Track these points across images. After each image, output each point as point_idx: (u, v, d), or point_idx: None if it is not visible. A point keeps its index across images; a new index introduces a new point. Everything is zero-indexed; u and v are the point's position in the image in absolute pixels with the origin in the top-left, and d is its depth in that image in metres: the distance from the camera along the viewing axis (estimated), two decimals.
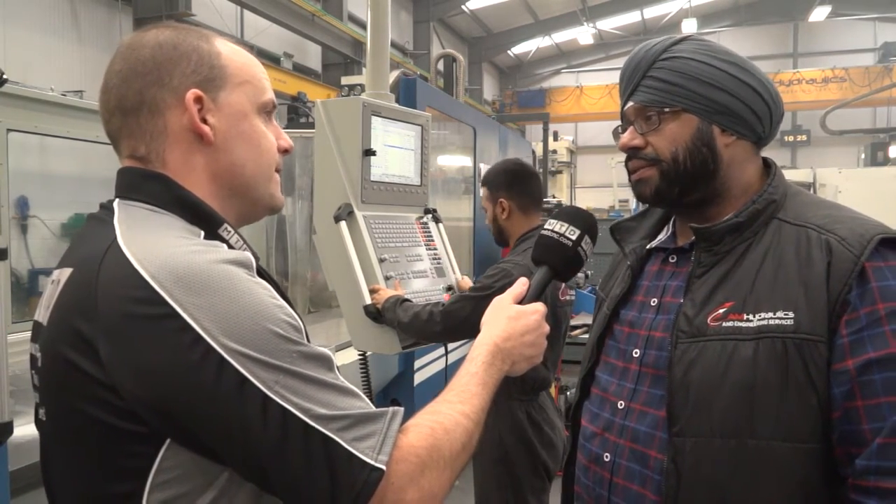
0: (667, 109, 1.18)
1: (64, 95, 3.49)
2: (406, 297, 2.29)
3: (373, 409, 0.86)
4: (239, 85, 0.98)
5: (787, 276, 1.07)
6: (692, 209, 1.23)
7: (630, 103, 1.24)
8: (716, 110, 1.16)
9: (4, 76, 1.91)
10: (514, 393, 2.54)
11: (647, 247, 1.31)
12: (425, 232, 2.62)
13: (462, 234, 4.78)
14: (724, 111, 1.16)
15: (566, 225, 1.16)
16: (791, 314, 1.04)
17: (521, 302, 1.15)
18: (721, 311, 1.10)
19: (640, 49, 1.24)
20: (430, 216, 2.65)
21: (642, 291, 1.27)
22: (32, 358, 0.95)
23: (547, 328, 1.15)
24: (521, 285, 1.18)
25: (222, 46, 0.99)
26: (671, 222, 1.32)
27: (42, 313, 0.93)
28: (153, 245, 0.84)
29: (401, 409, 0.89)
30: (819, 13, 19.13)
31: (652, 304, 1.23)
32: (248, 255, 0.88)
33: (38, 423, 0.96)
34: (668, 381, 1.13)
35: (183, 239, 0.87)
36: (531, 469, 2.52)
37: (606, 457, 1.21)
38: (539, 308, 1.15)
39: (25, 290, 3.80)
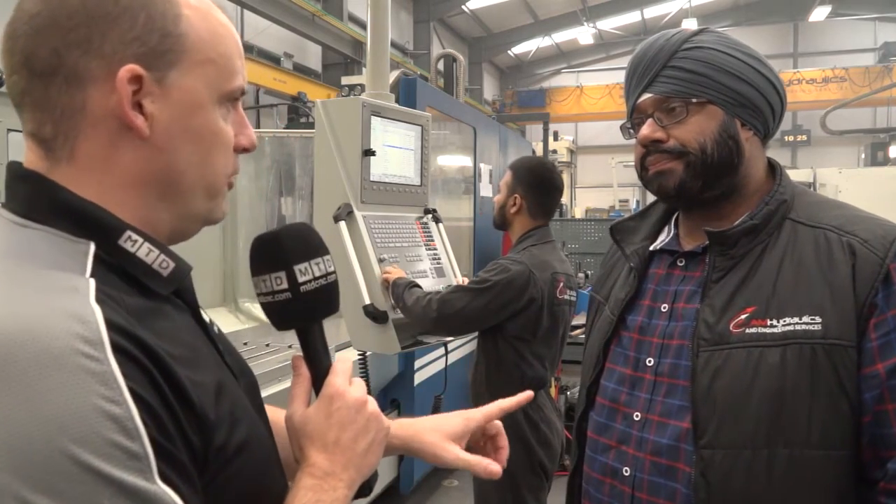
0: (694, 100, 1.13)
1: None
2: (417, 282, 2.32)
3: None
4: (199, 64, 0.72)
5: (810, 279, 1.05)
6: (708, 206, 1.19)
7: (647, 95, 1.17)
8: (740, 103, 1.13)
9: (3, 76, 1.91)
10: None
11: (651, 248, 1.27)
12: (425, 232, 2.62)
13: (462, 235, 4.78)
14: (746, 104, 1.14)
15: (266, 277, 0.79)
16: (818, 318, 1.02)
17: (317, 388, 0.81)
18: (743, 316, 1.07)
19: (657, 39, 1.19)
20: (430, 216, 2.65)
21: (649, 296, 1.23)
22: None
23: (357, 400, 0.79)
24: (302, 380, 0.81)
25: (185, 3, 0.72)
26: (672, 222, 1.28)
27: None
28: None
29: None
30: (819, 13, 19.13)
31: (662, 309, 1.19)
32: (99, 318, 0.59)
33: None
34: (692, 392, 1.08)
35: (24, 284, 0.61)
36: (529, 468, 2.52)
37: (626, 471, 1.16)
38: (338, 391, 0.78)
39: None
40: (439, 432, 0.98)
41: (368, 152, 2.34)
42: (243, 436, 0.70)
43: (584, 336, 1.43)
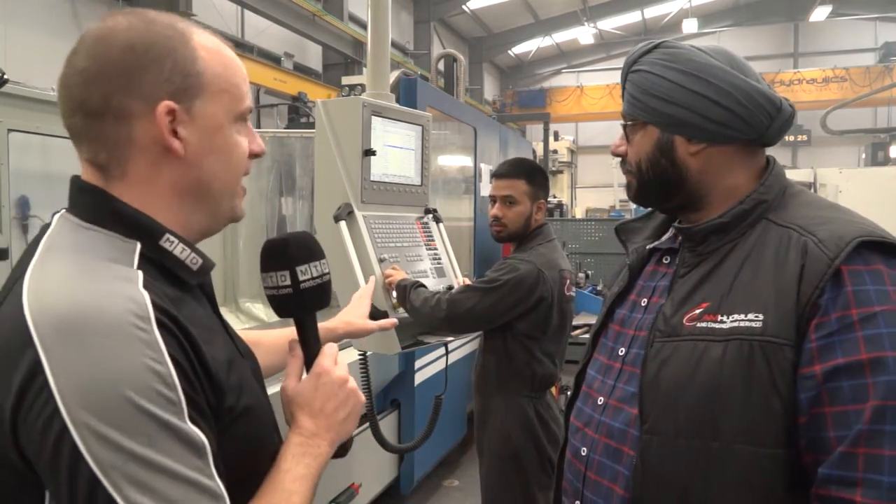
0: (629, 122, 1.22)
1: None
2: (421, 282, 2.33)
3: None
4: (216, 94, 0.91)
5: (764, 278, 1.06)
6: (678, 212, 1.25)
7: None
8: (673, 122, 1.17)
9: (5, 76, 1.92)
10: (524, 390, 2.56)
11: (648, 247, 1.31)
12: (426, 232, 2.62)
13: (462, 235, 4.78)
14: (681, 123, 1.16)
15: (273, 274, 0.99)
16: (760, 316, 1.03)
17: (308, 366, 1.01)
18: (697, 311, 1.10)
19: (627, 56, 1.26)
20: (430, 216, 2.65)
21: (636, 290, 1.28)
22: None
23: (341, 378, 1.00)
24: (296, 359, 1.03)
25: (200, 47, 0.90)
26: (676, 223, 1.32)
27: None
28: (53, 279, 0.78)
29: None
30: (819, 13, 19.13)
31: (642, 303, 1.24)
32: (147, 301, 0.78)
33: None
34: (640, 379, 1.13)
35: (89, 271, 0.80)
36: (539, 465, 2.54)
37: (583, 451, 1.23)
38: (326, 369, 0.99)
39: None
40: (356, 315, 1.41)
41: (369, 152, 2.34)
42: (247, 402, 0.89)
43: (584, 336, 1.46)
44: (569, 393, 1.40)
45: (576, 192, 21.08)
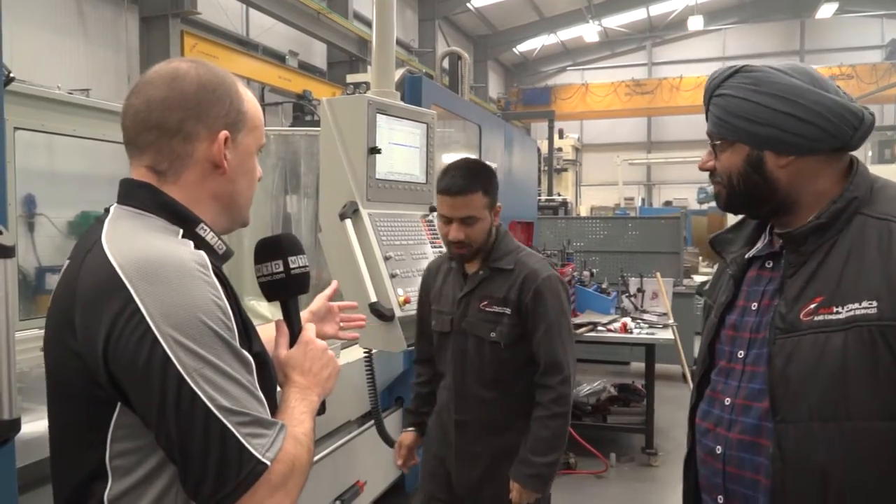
0: (717, 142, 1.33)
1: (70, 94, 3.50)
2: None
3: (269, 417, 1.00)
4: (252, 129, 1.18)
5: (870, 268, 1.17)
6: (770, 218, 1.36)
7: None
8: (761, 141, 1.27)
9: (11, 74, 1.92)
10: (523, 391, 2.53)
11: (747, 256, 1.41)
12: (431, 230, 2.62)
13: None
14: (770, 141, 1.26)
15: (268, 263, 1.23)
16: (874, 303, 1.14)
17: (293, 339, 1.24)
18: (812, 306, 1.20)
19: (708, 80, 1.36)
20: (435, 214, 2.65)
21: (743, 297, 1.38)
22: None
23: (322, 346, 1.24)
24: (282, 335, 1.25)
25: (244, 92, 1.18)
26: (767, 230, 1.41)
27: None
28: (127, 240, 1.02)
29: (287, 426, 1.04)
30: (826, 10, 19.03)
31: (752, 308, 1.34)
32: (205, 256, 1.03)
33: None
34: (768, 375, 1.24)
35: (154, 235, 1.04)
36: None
37: (718, 449, 1.34)
38: (310, 339, 1.24)
39: (33, 287, 3.81)
40: (316, 316, 1.47)
41: (374, 150, 2.34)
42: (265, 358, 1.11)
43: (590, 334, 1.53)
44: (574, 391, 1.43)
45: (580, 190, 21.05)
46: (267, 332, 1.28)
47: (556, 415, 2.17)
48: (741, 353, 1.34)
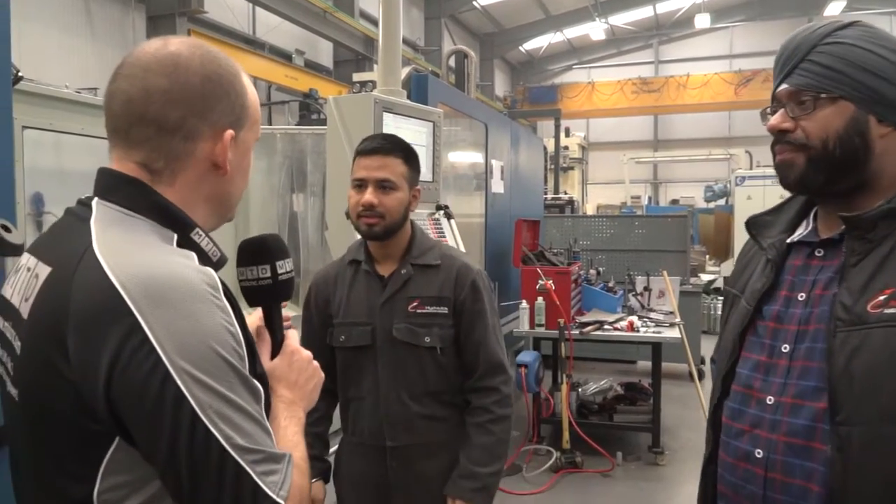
0: (823, 95, 1.16)
1: (78, 93, 3.51)
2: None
3: (276, 450, 0.94)
4: (253, 123, 1.08)
5: None
6: (838, 198, 1.21)
7: (784, 86, 1.21)
8: (875, 100, 1.14)
9: (20, 73, 1.93)
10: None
11: (787, 241, 1.29)
12: (437, 228, 2.62)
13: (474, 231, 4.78)
14: (883, 101, 1.14)
15: (253, 268, 1.10)
16: None
17: (276, 348, 1.14)
18: (882, 297, 1.09)
19: (802, 31, 1.21)
20: (441, 212, 2.65)
21: (786, 286, 1.25)
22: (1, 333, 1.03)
23: (308, 356, 1.16)
24: (264, 343, 1.15)
25: (247, 84, 1.07)
26: (811, 216, 1.30)
27: (17, 299, 1.00)
28: (126, 253, 0.90)
29: (292, 455, 0.98)
30: (834, 7, 18.96)
31: (799, 298, 1.22)
32: (214, 275, 0.94)
33: (5, 396, 1.02)
34: (828, 371, 1.11)
35: (153, 247, 0.94)
36: None
37: (759, 453, 1.20)
38: (295, 349, 1.15)
39: None
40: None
41: None
42: (265, 376, 1.05)
43: (596, 333, 1.44)
44: (580, 390, 1.38)
45: (587, 189, 21.01)
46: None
47: (500, 418, 1.97)
48: (786, 347, 1.20)
